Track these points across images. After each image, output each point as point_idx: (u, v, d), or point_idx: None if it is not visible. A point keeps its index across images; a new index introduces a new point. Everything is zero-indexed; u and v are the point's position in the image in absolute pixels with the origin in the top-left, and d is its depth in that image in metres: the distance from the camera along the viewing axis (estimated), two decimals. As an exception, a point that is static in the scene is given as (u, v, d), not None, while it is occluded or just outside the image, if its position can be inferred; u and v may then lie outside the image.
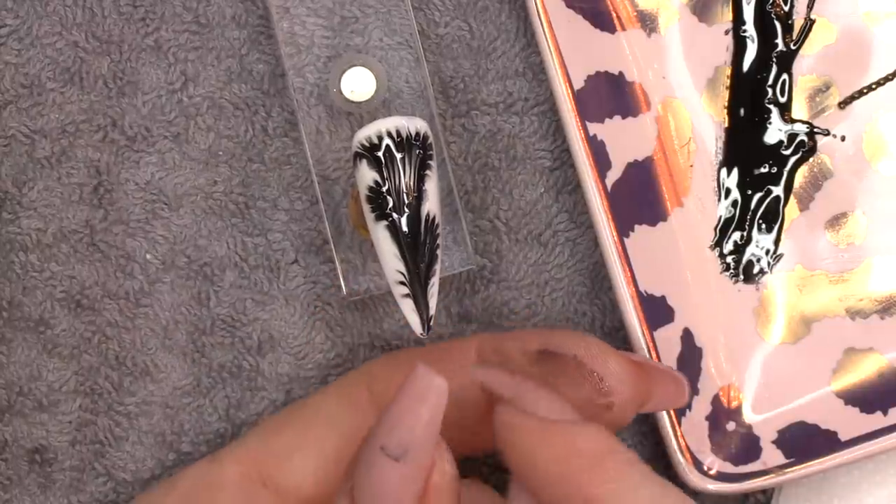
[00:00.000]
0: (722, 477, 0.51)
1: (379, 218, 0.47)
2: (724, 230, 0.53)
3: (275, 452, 0.50)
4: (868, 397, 0.52)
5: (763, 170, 0.53)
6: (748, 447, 0.52)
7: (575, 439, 0.43)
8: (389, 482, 0.43)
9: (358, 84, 0.52)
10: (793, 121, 0.53)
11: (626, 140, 0.52)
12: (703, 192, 0.53)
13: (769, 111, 0.53)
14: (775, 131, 0.53)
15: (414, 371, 0.44)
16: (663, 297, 0.52)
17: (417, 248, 0.47)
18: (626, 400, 0.46)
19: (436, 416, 0.44)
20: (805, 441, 0.52)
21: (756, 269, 0.53)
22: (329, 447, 0.49)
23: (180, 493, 0.50)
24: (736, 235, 0.53)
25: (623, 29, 0.53)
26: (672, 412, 0.51)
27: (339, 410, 0.50)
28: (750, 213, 0.53)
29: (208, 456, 0.52)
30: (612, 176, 0.52)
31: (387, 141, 0.47)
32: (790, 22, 0.53)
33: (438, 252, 0.48)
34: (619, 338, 0.54)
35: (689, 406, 0.52)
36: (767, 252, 0.53)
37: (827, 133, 0.53)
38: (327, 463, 0.49)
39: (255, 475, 0.49)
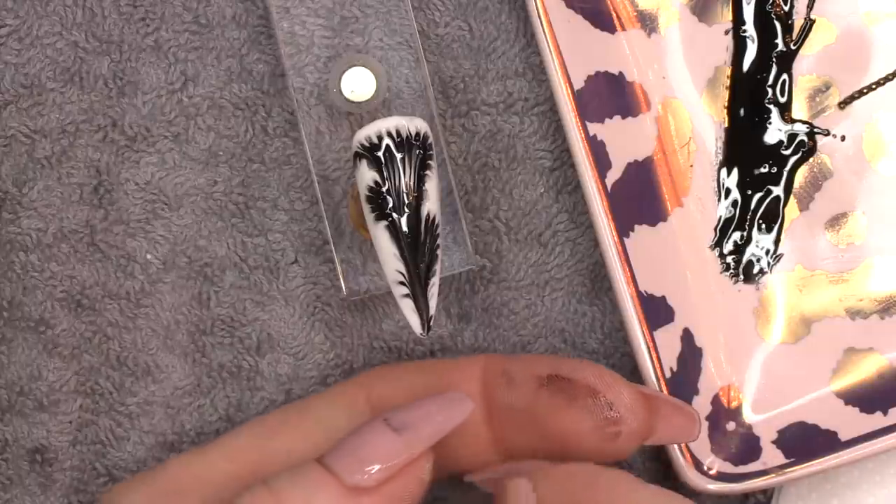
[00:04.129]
0: (722, 477, 0.51)
1: (379, 218, 0.47)
2: (724, 230, 0.53)
3: (270, 455, 0.50)
4: (868, 397, 0.52)
5: (763, 170, 0.53)
6: (748, 447, 0.52)
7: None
8: (376, 445, 0.44)
9: (358, 84, 0.52)
10: (793, 121, 0.53)
11: (626, 140, 0.52)
12: (703, 192, 0.53)
13: (769, 111, 0.53)
14: (775, 131, 0.53)
15: (452, 391, 0.46)
16: (663, 297, 0.52)
17: (417, 248, 0.47)
18: (634, 430, 0.47)
19: (448, 422, 0.45)
20: (805, 441, 0.52)
21: (756, 269, 0.53)
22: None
23: (167, 484, 0.50)
24: (736, 235, 0.53)
25: (623, 29, 0.53)
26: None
27: (336, 417, 0.50)
28: (750, 213, 0.53)
29: (195, 449, 0.51)
30: (612, 176, 0.52)
31: (387, 141, 0.47)
32: (790, 22, 0.53)
33: (438, 252, 0.48)
34: (619, 338, 0.54)
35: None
36: (767, 252, 0.53)
37: (827, 133, 0.53)
38: None
39: (246, 474, 0.49)
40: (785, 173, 0.53)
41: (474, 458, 0.49)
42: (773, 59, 0.53)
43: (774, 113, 0.53)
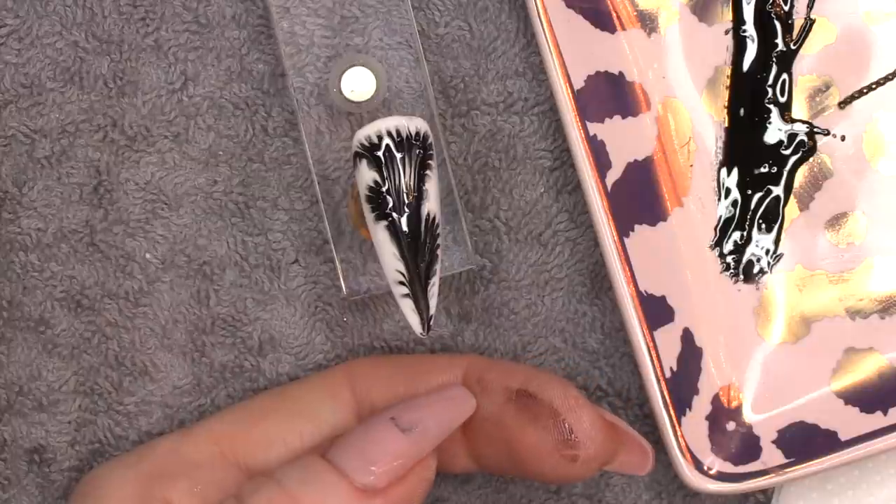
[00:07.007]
0: (722, 477, 0.51)
1: (379, 218, 0.47)
2: (724, 230, 0.53)
3: (255, 439, 0.50)
4: (868, 397, 0.52)
5: (763, 170, 0.53)
6: (748, 447, 0.52)
7: None
8: (385, 445, 0.45)
9: (358, 84, 0.52)
10: (793, 121, 0.53)
11: (626, 140, 0.52)
12: (703, 192, 0.53)
13: (769, 111, 0.53)
14: (775, 131, 0.53)
15: (453, 385, 0.46)
16: (663, 297, 0.52)
17: (417, 248, 0.47)
18: (591, 456, 0.47)
19: (453, 421, 0.46)
20: (805, 441, 0.52)
21: (756, 269, 0.53)
22: (309, 441, 0.50)
23: (154, 465, 0.50)
24: (736, 235, 0.53)
25: (623, 29, 0.53)
26: (672, 412, 0.51)
27: (322, 405, 0.50)
28: (750, 213, 0.53)
29: (180, 429, 0.52)
30: (612, 176, 0.52)
31: (387, 140, 0.47)
32: (790, 22, 0.53)
33: (438, 252, 0.48)
34: (619, 338, 0.54)
35: (689, 406, 0.52)
36: (767, 252, 0.53)
37: (827, 133, 0.53)
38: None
39: (230, 456, 0.50)
40: (785, 173, 0.53)
41: (450, 462, 0.50)
42: (773, 59, 0.53)
43: (774, 113, 0.53)
